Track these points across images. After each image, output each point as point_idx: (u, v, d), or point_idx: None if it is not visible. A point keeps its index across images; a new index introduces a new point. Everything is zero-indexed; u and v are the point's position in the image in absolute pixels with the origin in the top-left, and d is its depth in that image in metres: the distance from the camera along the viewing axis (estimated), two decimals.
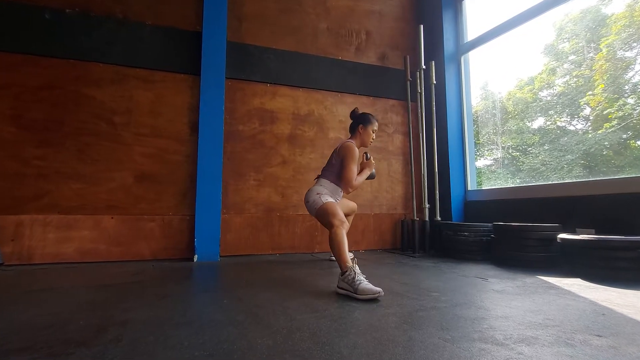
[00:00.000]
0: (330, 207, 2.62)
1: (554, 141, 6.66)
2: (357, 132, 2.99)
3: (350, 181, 2.74)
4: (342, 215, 2.58)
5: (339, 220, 2.50)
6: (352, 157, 2.76)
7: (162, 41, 3.85)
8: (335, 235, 2.39)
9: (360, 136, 2.99)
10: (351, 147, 2.78)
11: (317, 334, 1.47)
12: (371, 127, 2.98)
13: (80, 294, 2.18)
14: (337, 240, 2.37)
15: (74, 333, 1.49)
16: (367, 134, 2.99)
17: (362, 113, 3.06)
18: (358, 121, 3.01)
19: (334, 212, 2.57)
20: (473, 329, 1.53)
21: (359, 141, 2.99)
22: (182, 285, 2.48)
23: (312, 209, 2.80)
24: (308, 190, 2.92)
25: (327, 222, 2.58)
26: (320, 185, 2.91)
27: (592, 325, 1.59)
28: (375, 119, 3.04)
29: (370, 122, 2.98)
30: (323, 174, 3.00)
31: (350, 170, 2.74)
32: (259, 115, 4.16)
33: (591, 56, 5.97)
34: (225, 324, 1.61)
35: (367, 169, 2.94)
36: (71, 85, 3.54)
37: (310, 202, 2.81)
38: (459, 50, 4.83)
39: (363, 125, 2.98)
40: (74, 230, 3.42)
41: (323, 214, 2.65)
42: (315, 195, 2.79)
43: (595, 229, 3.10)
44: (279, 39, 4.35)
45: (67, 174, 3.46)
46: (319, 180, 2.99)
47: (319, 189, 2.86)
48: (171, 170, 3.76)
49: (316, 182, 3.00)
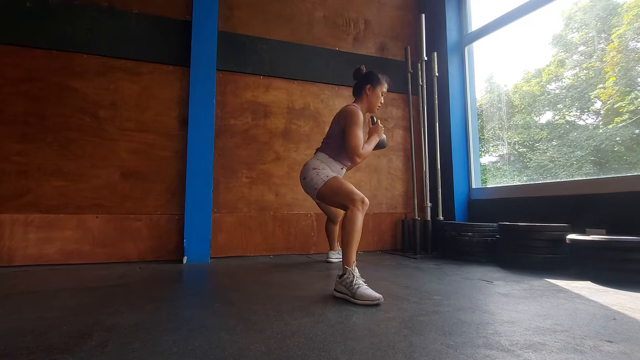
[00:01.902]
0: (337, 183, 2.38)
1: (563, 136, 6.69)
2: (363, 93, 2.65)
3: (356, 149, 2.39)
4: (356, 190, 2.31)
5: (358, 199, 2.24)
6: (357, 122, 2.44)
7: (150, 31, 3.84)
8: (354, 219, 2.19)
9: (368, 98, 2.65)
10: (354, 111, 2.48)
11: (313, 340, 1.47)
12: (380, 89, 2.66)
13: (64, 298, 2.18)
14: (354, 226, 2.19)
15: (56, 339, 1.48)
16: (376, 96, 2.65)
17: (369, 71, 2.71)
18: (365, 81, 2.66)
19: (348, 188, 2.31)
20: (477, 335, 1.54)
21: (365, 105, 2.65)
22: (170, 289, 2.48)
23: (310, 189, 2.52)
24: (304, 165, 2.63)
25: (342, 202, 2.31)
26: (317, 159, 2.58)
27: (602, 331, 1.59)
28: (386, 80, 2.72)
29: (380, 83, 2.66)
30: (322, 146, 2.68)
31: (355, 136, 2.40)
32: (251, 109, 4.15)
33: (602, 47, 5.98)
34: (216, 329, 1.61)
35: (375, 135, 2.58)
36: (53, 77, 3.52)
37: (307, 179, 2.52)
38: (462, 40, 4.83)
39: (371, 85, 2.64)
40: (56, 230, 3.41)
41: (331, 193, 2.39)
42: (312, 171, 2.50)
43: (606, 229, 3.10)
44: (273, 28, 4.34)
45: (49, 170, 3.44)
46: (316, 153, 2.67)
47: (314, 163, 2.54)
48: (159, 167, 3.75)
49: (314, 155, 2.69)
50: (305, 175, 2.54)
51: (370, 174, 4.62)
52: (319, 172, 2.47)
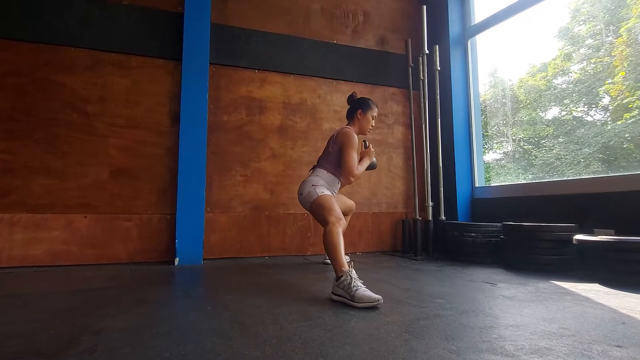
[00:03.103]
0: (326, 200, 2.61)
1: (570, 133, 6.71)
2: (355, 118, 3.00)
3: (352, 169, 2.73)
4: (339, 211, 2.57)
5: (335, 217, 2.48)
6: (352, 144, 2.76)
7: (140, 23, 3.82)
8: (330, 234, 2.37)
9: (359, 122, 2.99)
10: (350, 133, 2.80)
11: (309, 344, 1.47)
12: (370, 113, 3.00)
13: (51, 301, 2.17)
14: (333, 240, 2.35)
15: (43, 343, 1.48)
16: (366, 120, 3.00)
17: (360, 98, 3.08)
18: (356, 106, 3.01)
19: (330, 206, 2.56)
20: (481, 339, 1.54)
21: (357, 128, 2.99)
22: (162, 291, 2.48)
23: (305, 202, 2.79)
24: (302, 182, 2.90)
25: (322, 218, 2.57)
26: (316, 176, 2.89)
27: (611, 335, 1.59)
28: (375, 105, 3.06)
29: (370, 108, 3.00)
30: (319, 163, 3.00)
31: (351, 157, 2.74)
32: (246, 105, 4.15)
33: (610, 40, 6.00)
34: (209, 333, 1.61)
35: (367, 158, 2.98)
36: (40, 72, 3.51)
37: (304, 194, 2.79)
38: (465, 33, 4.84)
39: (362, 110, 2.98)
40: (43, 230, 3.40)
41: (318, 208, 2.63)
42: (311, 187, 2.76)
43: (614, 229, 3.10)
44: (268, 20, 4.33)
45: (36, 168, 3.43)
46: (314, 170, 2.98)
47: (314, 180, 2.84)
48: (150, 164, 3.75)
49: (311, 172, 2.99)
50: (302, 191, 2.82)
51: (370, 172, 4.61)
52: (317, 188, 2.74)
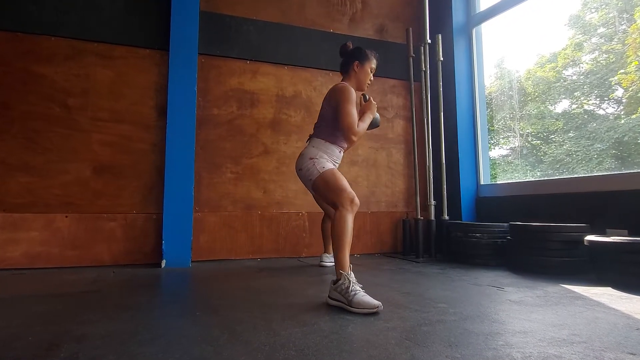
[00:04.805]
0: (331, 177, 2.42)
1: (581, 128, 6.73)
2: (351, 70, 2.72)
3: (351, 127, 2.46)
4: (349, 188, 2.38)
5: (346, 198, 2.31)
6: (349, 99, 2.50)
7: (125, 10, 3.82)
8: (340, 224, 2.25)
9: (356, 75, 2.72)
10: (346, 87, 2.55)
11: (304, 352, 1.48)
12: (369, 65, 2.73)
13: (29, 305, 2.18)
14: (344, 228, 2.24)
15: (21, 350, 1.49)
16: (365, 72, 2.72)
17: (356, 47, 2.79)
18: (352, 57, 2.73)
19: (337, 185, 2.38)
20: (486, 346, 1.54)
21: (354, 83, 2.72)
22: (147, 295, 2.49)
23: (306, 179, 2.56)
24: (300, 155, 2.66)
25: (330, 199, 2.41)
26: (312, 147, 2.62)
27: (624, 342, 1.59)
28: (374, 55, 2.79)
29: (368, 59, 2.73)
30: (315, 131, 2.74)
31: (348, 113, 2.46)
32: (237, 97, 4.15)
33: (623, 29, 6.01)
34: (198, 340, 1.62)
35: (368, 113, 2.65)
36: (18, 62, 3.50)
37: (303, 169, 2.56)
38: (469, 21, 4.84)
39: (359, 62, 2.71)
40: (21, 231, 3.41)
41: (323, 188, 2.45)
42: (308, 161, 2.53)
43: (628, 229, 3.09)
44: (261, 8, 4.32)
45: (14, 165, 3.43)
46: (310, 140, 2.72)
47: (311, 152, 2.58)
48: (135, 161, 3.75)
49: (308, 143, 2.74)
50: (301, 166, 2.58)
51: (368, 168, 4.63)
52: (316, 163, 2.50)
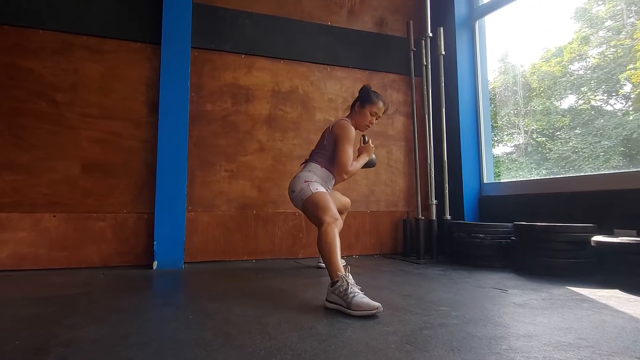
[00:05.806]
0: (320, 198, 2.61)
1: (588, 124, 6.72)
2: (352, 110, 3.04)
3: (345, 165, 2.74)
4: (336, 210, 2.57)
5: (331, 216, 2.48)
6: (347, 138, 2.77)
7: (115, 3, 3.82)
8: (326, 235, 2.38)
9: (355, 116, 3.01)
10: (346, 126, 2.81)
11: (301, 356, 1.49)
12: (370, 108, 2.98)
13: (16, 308, 2.19)
14: (328, 241, 2.35)
15: (8, 355, 1.50)
16: (363, 115, 2.99)
17: (364, 88, 3.06)
18: (357, 97, 3.04)
19: (325, 205, 2.56)
20: (490, 351, 1.55)
21: (353, 121, 2.99)
22: (138, 298, 2.50)
23: (297, 200, 2.78)
24: (294, 177, 2.91)
25: (316, 217, 2.57)
26: (308, 171, 2.89)
27: (632, 346, 1.60)
28: (381, 100, 3.02)
29: (370, 102, 2.97)
30: (312, 157, 3.00)
31: (345, 152, 2.75)
32: (231, 93, 4.16)
33: (632, 22, 6.00)
34: (191, 344, 1.63)
35: (364, 154, 2.96)
36: (4, 56, 3.50)
37: (296, 191, 2.78)
38: (472, 14, 4.85)
39: (360, 103, 2.99)
40: (7, 231, 3.41)
41: (311, 207, 2.63)
42: (303, 184, 2.75)
43: (636, 230, 3.09)
44: (256, 0, 4.33)
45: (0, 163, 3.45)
46: (307, 164, 2.98)
47: (307, 176, 2.84)
48: (125, 158, 3.76)
49: (303, 167, 2.99)
50: (294, 188, 2.80)
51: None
52: (310, 185, 2.72)
